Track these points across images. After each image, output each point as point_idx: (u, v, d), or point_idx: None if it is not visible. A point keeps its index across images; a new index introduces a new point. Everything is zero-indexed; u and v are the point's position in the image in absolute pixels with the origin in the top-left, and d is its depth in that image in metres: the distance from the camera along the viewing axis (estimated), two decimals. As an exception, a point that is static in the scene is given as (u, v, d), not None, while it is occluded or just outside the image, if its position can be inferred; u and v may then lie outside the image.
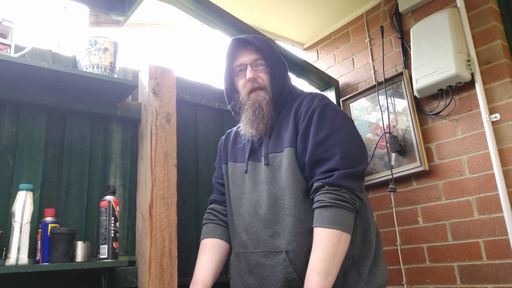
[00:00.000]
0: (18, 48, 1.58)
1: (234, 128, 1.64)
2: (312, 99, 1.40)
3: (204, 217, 1.61)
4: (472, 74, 2.12)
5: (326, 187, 1.25)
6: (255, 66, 1.45)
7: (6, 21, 1.50)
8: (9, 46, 1.49)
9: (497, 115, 2.03)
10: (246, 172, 1.45)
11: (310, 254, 1.26)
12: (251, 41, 1.45)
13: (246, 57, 1.46)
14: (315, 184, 1.28)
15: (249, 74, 1.43)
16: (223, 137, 1.67)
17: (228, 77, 1.52)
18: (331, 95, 2.84)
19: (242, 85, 1.47)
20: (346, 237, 1.22)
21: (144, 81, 1.85)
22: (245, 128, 1.47)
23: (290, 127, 1.38)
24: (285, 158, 1.35)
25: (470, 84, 2.14)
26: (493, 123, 2.05)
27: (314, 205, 1.27)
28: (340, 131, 1.33)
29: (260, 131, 1.43)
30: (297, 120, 1.38)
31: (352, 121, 1.46)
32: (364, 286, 1.28)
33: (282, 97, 1.46)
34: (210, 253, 1.49)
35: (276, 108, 1.46)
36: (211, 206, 1.62)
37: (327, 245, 1.20)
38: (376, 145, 2.53)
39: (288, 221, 1.30)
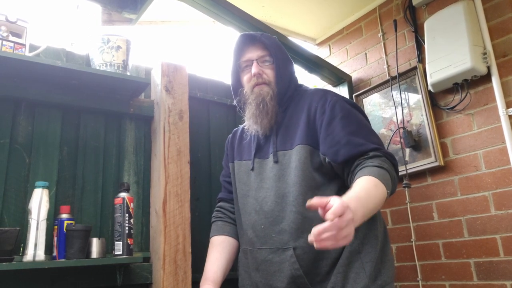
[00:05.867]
0: (32, 47, 1.59)
1: (240, 127, 1.64)
2: (324, 94, 1.42)
3: (212, 215, 1.63)
4: (488, 67, 2.09)
5: (377, 156, 1.25)
6: (261, 62, 1.47)
7: (21, 20, 1.52)
8: (24, 45, 1.51)
9: (515, 108, 2.00)
10: (252, 169, 1.46)
11: (317, 250, 1.25)
12: (258, 37, 1.47)
13: (253, 53, 1.47)
14: (363, 159, 1.27)
15: (254, 69, 1.45)
16: (230, 135, 1.69)
17: (235, 72, 1.54)
18: (344, 90, 2.82)
19: (247, 80, 1.49)
20: (385, 192, 1.19)
21: (157, 79, 1.86)
22: (249, 123, 1.48)
23: (302, 124, 1.38)
24: (294, 155, 1.35)
25: (486, 78, 2.10)
26: (510, 117, 2.00)
27: (361, 166, 1.24)
28: (364, 123, 1.38)
29: (264, 126, 1.44)
30: (311, 116, 1.39)
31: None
32: (369, 282, 1.25)
33: (288, 94, 1.47)
34: (219, 250, 1.50)
35: (282, 104, 1.46)
36: (219, 204, 1.64)
37: (367, 185, 1.16)
38: (390, 140, 2.50)
39: (295, 218, 1.30)
